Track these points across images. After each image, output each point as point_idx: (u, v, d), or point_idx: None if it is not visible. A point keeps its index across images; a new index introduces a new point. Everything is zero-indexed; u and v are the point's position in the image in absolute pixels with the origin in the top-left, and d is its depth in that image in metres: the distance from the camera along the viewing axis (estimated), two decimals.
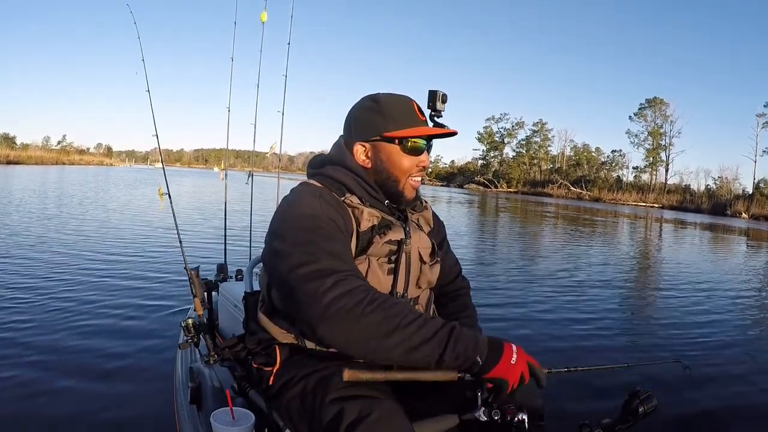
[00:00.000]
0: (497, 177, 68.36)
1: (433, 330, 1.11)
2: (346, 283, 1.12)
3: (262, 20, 2.99)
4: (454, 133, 1.45)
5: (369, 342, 1.10)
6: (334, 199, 1.33)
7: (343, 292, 1.10)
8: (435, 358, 1.11)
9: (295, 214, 1.27)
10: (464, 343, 1.12)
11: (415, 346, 1.10)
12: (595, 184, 59.81)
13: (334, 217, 1.27)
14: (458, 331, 1.13)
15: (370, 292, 1.13)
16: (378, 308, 1.10)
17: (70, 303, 4.37)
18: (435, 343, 1.10)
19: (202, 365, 1.89)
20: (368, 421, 1.11)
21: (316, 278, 1.12)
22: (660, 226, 23.76)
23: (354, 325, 1.09)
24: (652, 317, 5.59)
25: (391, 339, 1.09)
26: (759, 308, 6.50)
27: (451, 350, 1.11)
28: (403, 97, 1.43)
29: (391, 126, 1.37)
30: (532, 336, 4.33)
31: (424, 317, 1.14)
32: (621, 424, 1.20)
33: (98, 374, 3.00)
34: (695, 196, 51.81)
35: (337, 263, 1.16)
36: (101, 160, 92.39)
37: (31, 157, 60.82)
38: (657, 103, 59.37)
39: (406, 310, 1.13)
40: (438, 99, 1.45)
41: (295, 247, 1.20)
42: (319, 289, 1.10)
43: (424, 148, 1.41)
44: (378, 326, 1.09)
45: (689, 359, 3.64)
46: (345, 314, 1.08)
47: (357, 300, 1.10)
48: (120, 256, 6.72)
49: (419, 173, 1.43)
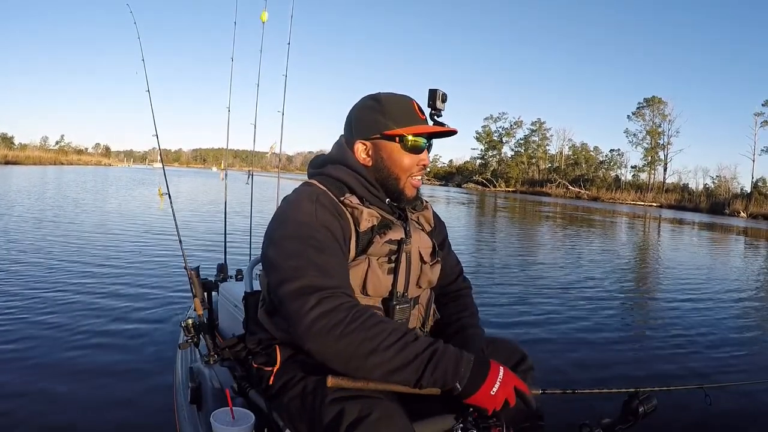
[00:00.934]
0: (496, 176, 68.37)
1: (413, 354, 1.12)
2: (329, 301, 1.13)
3: (262, 20, 2.99)
4: (454, 132, 1.45)
5: (350, 361, 1.12)
6: (332, 203, 1.32)
7: (325, 311, 1.12)
8: (413, 382, 1.12)
9: (290, 220, 1.28)
10: (444, 368, 1.12)
11: (393, 369, 1.11)
12: (594, 184, 59.91)
13: (329, 224, 1.27)
14: (440, 355, 1.13)
15: (352, 310, 1.14)
16: (358, 329, 1.11)
17: (70, 303, 4.37)
18: (413, 368, 1.11)
19: (202, 365, 1.88)
20: (368, 421, 1.11)
21: (301, 296, 1.14)
22: (658, 225, 23.78)
23: (335, 344, 1.11)
24: (658, 325, 5.18)
25: (370, 360, 1.11)
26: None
27: (429, 375, 1.11)
28: (404, 97, 1.44)
29: (391, 124, 1.38)
30: (529, 347, 4.32)
31: (406, 340, 1.13)
32: (621, 424, 1.21)
33: (98, 374, 2.99)
34: (693, 195, 51.92)
35: (323, 280, 1.17)
36: (99, 160, 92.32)
37: (29, 157, 60.72)
38: (655, 102, 59.39)
39: (388, 330, 1.13)
40: (438, 98, 1.45)
41: (284, 259, 1.21)
42: (303, 307, 1.13)
43: (425, 146, 1.41)
44: (357, 347, 1.11)
45: (703, 378, 3.52)
46: (326, 333, 1.10)
47: (338, 319, 1.11)
48: (120, 256, 6.70)
49: (420, 172, 1.43)
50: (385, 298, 1.39)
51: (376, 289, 1.36)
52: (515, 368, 1.47)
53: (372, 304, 1.38)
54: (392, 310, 1.39)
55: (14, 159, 55.38)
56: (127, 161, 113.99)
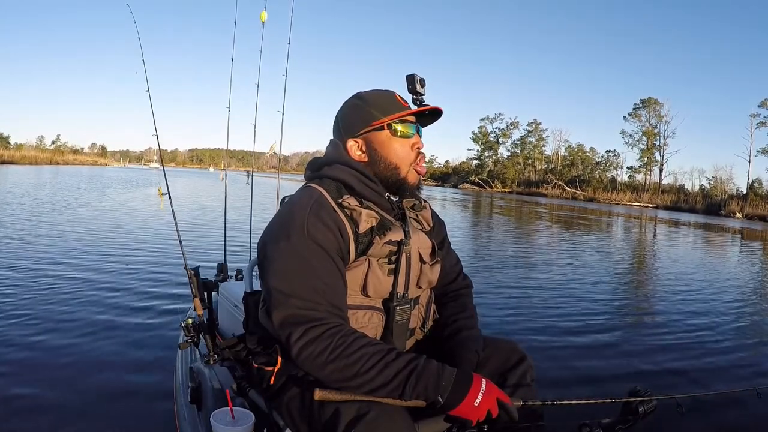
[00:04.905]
0: (492, 177, 68.45)
1: (393, 373, 1.17)
2: (313, 330, 1.20)
3: (261, 20, 2.99)
4: (439, 111, 1.48)
5: (337, 383, 1.19)
6: (328, 212, 1.31)
7: (310, 340, 1.19)
8: (395, 397, 1.18)
9: (283, 236, 1.28)
10: (424, 383, 1.16)
11: (375, 388, 1.17)
12: (590, 184, 59.98)
13: (321, 240, 1.27)
14: (420, 370, 1.17)
15: (335, 337, 1.19)
16: (340, 356, 1.18)
17: (70, 303, 4.35)
18: (394, 385, 1.17)
19: (202, 365, 1.89)
20: (367, 419, 1.12)
21: (288, 325, 1.22)
22: (654, 225, 23.83)
23: (321, 370, 1.19)
24: (649, 330, 5.06)
25: (354, 382, 1.18)
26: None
27: (410, 391, 1.16)
28: (385, 90, 1.47)
29: (377, 114, 1.40)
30: (524, 347, 4.33)
31: (386, 360, 1.18)
32: (621, 424, 1.21)
33: (98, 374, 2.98)
34: (689, 196, 52.00)
35: (307, 310, 1.22)
36: (95, 160, 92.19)
37: (24, 157, 60.52)
38: (651, 104, 59.52)
39: (368, 354, 1.18)
40: (416, 82, 1.47)
41: (274, 281, 1.26)
42: (291, 337, 1.21)
43: (414, 130, 1.43)
44: (341, 372, 1.18)
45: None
46: (312, 360, 1.19)
47: (322, 348, 1.19)
48: (120, 256, 6.68)
49: (419, 158, 1.44)
50: (385, 299, 1.39)
51: (377, 290, 1.36)
52: (515, 368, 1.48)
53: (372, 305, 1.38)
54: (392, 311, 1.39)
55: (10, 159, 55.15)
56: (123, 161, 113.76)
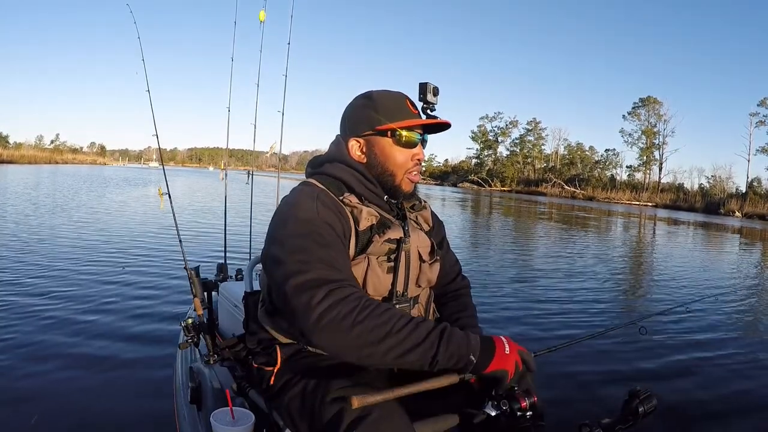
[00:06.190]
0: (491, 176, 68.48)
1: (425, 333, 1.13)
2: (338, 292, 1.12)
3: (260, 19, 2.99)
4: (447, 124, 1.45)
5: (362, 349, 1.11)
6: (332, 201, 1.32)
7: (335, 302, 1.11)
8: (428, 359, 1.12)
9: (292, 218, 1.27)
10: (456, 343, 1.14)
11: (407, 349, 1.11)
12: (589, 183, 60.06)
13: (331, 221, 1.27)
14: (449, 331, 1.15)
15: (362, 300, 1.13)
16: (369, 316, 1.11)
17: (70, 303, 4.35)
18: (427, 345, 1.12)
19: (202, 365, 1.89)
20: (368, 420, 1.11)
21: (309, 288, 1.13)
22: (653, 224, 23.86)
23: (346, 333, 1.10)
24: (649, 330, 5.40)
25: (383, 344, 1.10)
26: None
27: (444, 350, 1.12)
28: (396, 93, 1.44)
29: (383, 119, 1.38)
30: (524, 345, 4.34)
31: (416, 321, 1.14)
32: (621, 424, 1.20)
33: (98, 374, 2.99)
34: (689, 195, 52.08)
35: (329, 272, 1.17)
36: (94, 159, 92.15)
37: (24, 156, 60.50)
38: (651, 102, 59.57)
39: (397, 315, 1.14)
40: (429, 91, 1.44)
41: (289, 255, 1.20)
42: (312, 300, 1.11)
43: (418, 140, 1.41)
44: (370, 333, 1.10)
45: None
46: (337, 324, 1.09)
47: (349, 309, 1.11)
48: (119, 256, 6.68)
49: (416, 167, 1.43)
50: (384, 297, 1.39)
51: (376, 289, 1.36)
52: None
53: None
54: None
55: (9, 158, 55.12)
56: (122, 160, 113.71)
